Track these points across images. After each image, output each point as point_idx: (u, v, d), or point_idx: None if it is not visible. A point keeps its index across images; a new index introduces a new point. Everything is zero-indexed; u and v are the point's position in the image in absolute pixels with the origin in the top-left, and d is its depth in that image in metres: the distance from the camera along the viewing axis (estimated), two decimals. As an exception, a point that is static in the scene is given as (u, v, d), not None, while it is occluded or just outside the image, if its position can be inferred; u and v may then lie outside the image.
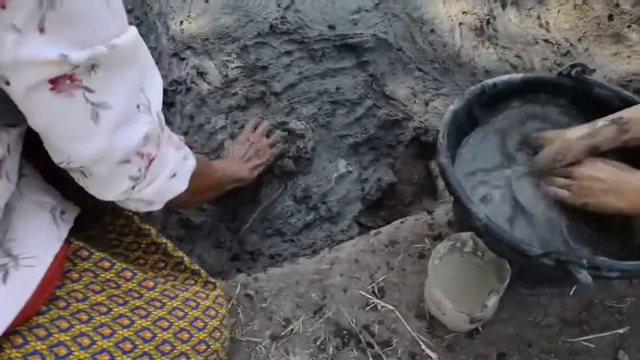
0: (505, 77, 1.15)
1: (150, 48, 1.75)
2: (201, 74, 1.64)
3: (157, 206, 0.87)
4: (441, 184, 1.53)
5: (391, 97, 1.62)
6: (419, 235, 1.23)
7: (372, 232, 1.27)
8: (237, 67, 1.64)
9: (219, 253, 1.38)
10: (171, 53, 1.67)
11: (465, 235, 1.04)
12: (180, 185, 0.87)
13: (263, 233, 1.41)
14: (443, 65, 1.67)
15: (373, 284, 1.17)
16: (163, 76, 1.63)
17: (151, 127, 0.76)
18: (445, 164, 1.00)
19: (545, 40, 1.69)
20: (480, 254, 1.07)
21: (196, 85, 1.62)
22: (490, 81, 1.14)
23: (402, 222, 1.27)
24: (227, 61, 1.66)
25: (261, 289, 1.17)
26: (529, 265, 0.99)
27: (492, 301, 1.00)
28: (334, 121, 1.57)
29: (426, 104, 1.61)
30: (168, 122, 1.63)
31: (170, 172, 0.83)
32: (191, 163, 0.90)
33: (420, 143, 1.57)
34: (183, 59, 1.67)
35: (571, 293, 1.16)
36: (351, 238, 1.35)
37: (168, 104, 1.58)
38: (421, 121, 1.58)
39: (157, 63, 1.72)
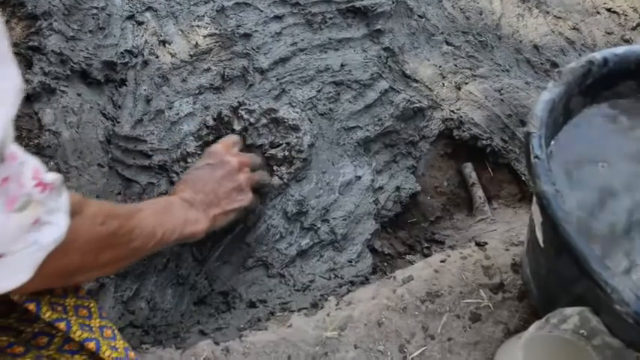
0: (620, 50, 0.68)
1: (96, 8, 1.25)
2: (164, 43, 1.15)
3: None
4: (479, 194, 1.07)
5: (412, 77, 1.15)
6: (470, 283, 0.77)
7: (399, 274, 0.81)
8: (210, 35, 1.15)
9: (179, 295, 0.90)
10: (125, 16, 1.17)
11: (570, 310, 0.59)
12: (13, 277, 0.46)
13: (241, 265, 0.93)
14: (478, 38, 1.19)
15: (405, 362, 0.71)
16: (114, 45, 1.14)
17: None
18: (551, 196, 0.54)
19: (609, 10, 1.22)
20: (584, 334, 0.62)
21: (156, 57, 1.13)
22: (599, 55, 0.67)
23: (442, 261, 0.81)
24: (198, 26, 1.17)
25: (235, 367, 0.71)
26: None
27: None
28: (338, 109, 1.09)
29: (458, 88, 1.14)
30: (116, 106, 1.15)
31: None
32: (48, 236, 0.47)
33: (451, 139, 1.11)
34: (140, 23, 1.17)
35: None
36: (365, 278, 0.88)
37: (117, 82, 1.09)
38: (452, 111, 1.11)
39: (104, 28, 1.23)
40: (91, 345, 0.60)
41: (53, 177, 0.49)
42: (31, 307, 0.55)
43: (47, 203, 0.48)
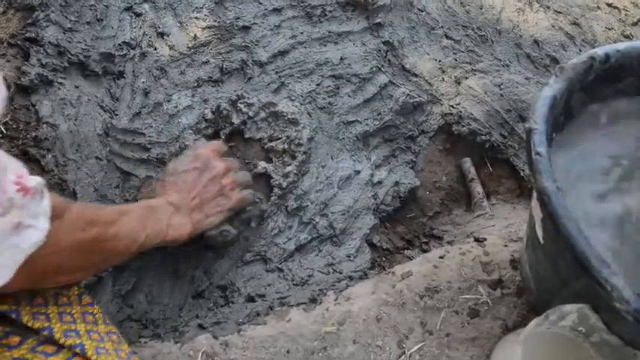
0: (622, 46, 0.68)
1: (95, -1, 1.23)
2: (162, 35, 1.14)
3: None
4: (477, 189, 1.07)
5: (412, 72, 1.14)
6: (468, 279, 0.77)
7: (398, 270, 0.81)
8: (209, 27, 1.15)
9: (178, 288, 0.90)
10: (123, 7, 1.16)
11: (569, 307, 0.59)
12: None
13: (239, 258, 0.93)
14: (478, 32, 1.19)
15: (403, 357, 0.71)
16: (111, 37, 1.13)
17: None
18: (552, 193, 0.54)
19: (609, 5, 1.22)
20: (583, 331, 0.62)
21: (155, 49, 1.12)
22: (600, 51, 0.67)
23: (441, 257, 0.81)
24: (196, 18, 1.16)
25: (234, 362, 0.71)
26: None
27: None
28: (337, 103, 1.09)
29: (458, 83, 1.13)
30: (114, 98, 1.14)
31: None
32: (31, 238, 0.49)
33: (450, 134, 1.10)
34: (138, 15, 1.16)
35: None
36: (364, 273, 0.88)
37: (115, 74, 1.08)
38: (451, 106, 1.11)
39: (102, 20, 1.21)
40: (77, 350, 0.59)
41: (35, 181, 0.50)
42: (45, 334, 0.56)
43: (29, 207, 0.48)
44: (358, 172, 1.04)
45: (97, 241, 0.61)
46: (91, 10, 1.12)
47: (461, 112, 1.09)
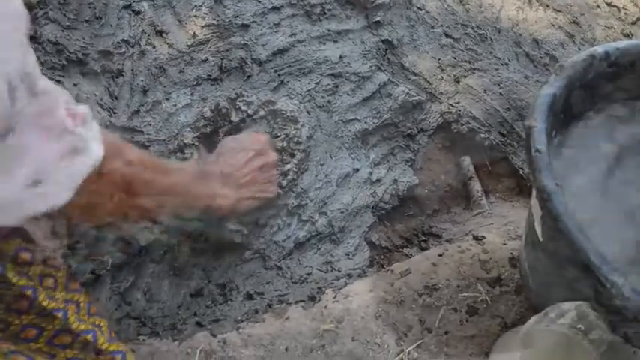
0: (621, 44, 0.68)
1: (93, -4, 1.23)
2: (161, 33, 1.14)
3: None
4: (476, 188, 1.07)
5: (411, 70, 1.14)
6: (467, 277, 0.77)
7: (397, 267, 0.81)
8: (208, 26, 1.14)
9: (176, 287, 0.90)
10: (122, 5, 1.16)
11: (568, 305, 0.59)
12: (55, 198, 0.49)
13: (238, 256, 0.93)
14: (478, 31, 1.19)
15: (402, 355, 0.71)
16: (110, 35, 1.13)
17: None
18: (551, 190, 0.54)
19: (609, 4, 1.22)
20: (581, 328, 0.62)
21: (153, 47, 1.12)
22: (600, 49, 0.67)
23: (440, 255, 0.81)
24: (195, 16, 1.16)
25: (232, 359, 0.70)
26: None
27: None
28: (336, 101, 1.08)
29: (457, 81, 1.13)
30: (113, 97, 1.14)
31: (26, 178, 0.46)
32: (86, 161, 0.50)
33: (449, 133, 1.10)
34: (137, 13, 1.16)
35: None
36: (362, 271, 0.88)
37: (114, 72, 1.08)
38: (451, 104, 1.11)
39: (101, 17, 1.21)
40: (89, 337, 0.60)
41: (83, 108, 0.51)
42: (29, 293, 0.56)
43: (80, 133, 0.49)
44: (357, 171, 1.04)
45: (149, 184, 0.62)
46: (89, 8, 1.12)
47: (460, 110, 1.09)
